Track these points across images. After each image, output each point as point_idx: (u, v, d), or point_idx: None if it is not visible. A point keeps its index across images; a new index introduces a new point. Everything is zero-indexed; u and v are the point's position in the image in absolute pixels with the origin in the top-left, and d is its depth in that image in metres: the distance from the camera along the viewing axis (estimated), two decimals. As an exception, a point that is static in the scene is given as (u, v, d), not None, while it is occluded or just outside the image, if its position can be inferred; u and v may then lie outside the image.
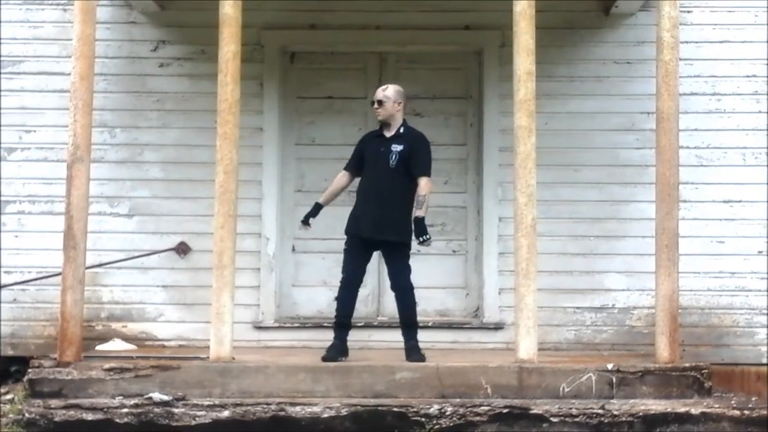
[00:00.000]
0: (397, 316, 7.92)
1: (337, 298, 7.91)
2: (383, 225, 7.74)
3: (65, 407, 7.13)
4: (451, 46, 9.33)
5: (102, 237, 8.95)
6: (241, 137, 7.84)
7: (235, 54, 7.71)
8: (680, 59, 7.91)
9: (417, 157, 7.82)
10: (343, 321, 7.86)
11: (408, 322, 7.85)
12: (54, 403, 7.18)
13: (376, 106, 7.94)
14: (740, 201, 9.01)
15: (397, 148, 7.83)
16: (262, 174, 9.10)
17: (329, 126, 9.30)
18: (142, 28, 9.21)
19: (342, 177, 8.11)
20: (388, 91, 7.93)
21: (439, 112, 9.36)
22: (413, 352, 7.74)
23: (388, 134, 7.93)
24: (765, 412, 7.11)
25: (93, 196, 8.29)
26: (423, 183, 7.78)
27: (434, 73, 9.39)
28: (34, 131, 9.11)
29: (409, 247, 7.89)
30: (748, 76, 9.10)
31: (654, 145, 7.94)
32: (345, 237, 7.90)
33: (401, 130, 7.93)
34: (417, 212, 7.72)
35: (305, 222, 8.07)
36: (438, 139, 9.29)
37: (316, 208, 8.07)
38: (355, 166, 8.07)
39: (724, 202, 9.02)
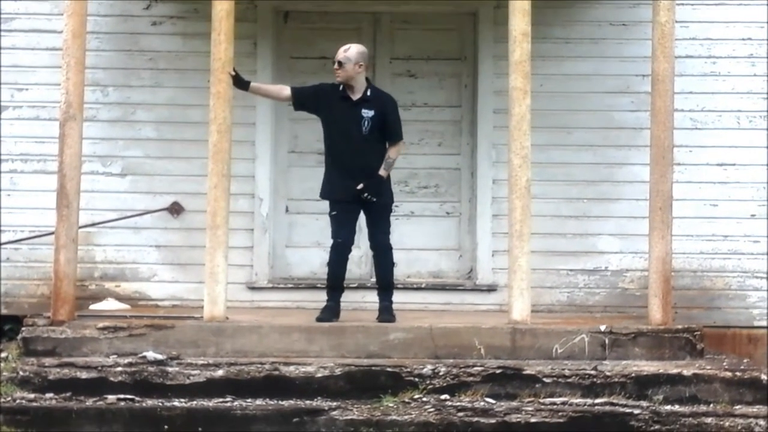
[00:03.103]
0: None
1: (329, 263, 7.90)
2: (374, 187, 7.69)
3: (59, 365, 7.14)
4: (446, 7, 9.27)
5: (95, 196, 8.92)
6: (235, 97, 7.81)
7: (228, 12, 7.66)
8: (676, 21, 7.87)
9: (389, 124, 7.73)
10: (337, 284, 7.88)
11: (386, 282, 7.87)
12: (48, 361, 7.19)
13: (336, 66, 7.76)
14: (734, 164, 9.01)
15: (368, 113, 7.71)
16: (256, 134, 9.07)
17: (323, 86, 9.26)
18: (134, -14, 9.14)
19: (283, 91, 7.94)
20: (350, 52, 7.73)
21: (433, 73, 9.32)
22: (385, 312, 7.75)
23: (354, 97, 7.77)
24: (756, 374, 7.15)
25: (85, 155, 8.26)
26: (395, 147, 7.77)
27: (429, 33, 9.34)
28: (26, 89, 9.05)
29: (391, 208, 7.92)
30: (743, 39, 9.07)
31: (649, 108, 7.94)
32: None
33: (368, 93, 7.78)
34: (381, 171, 7.68)
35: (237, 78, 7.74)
36: (432, 101, 9.30)
37: (240, 80, 7.73)
38: (301, 100, 7.89)
39: (718, 165, 9.02)
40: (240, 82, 7.75)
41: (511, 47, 7.66)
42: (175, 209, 9.03)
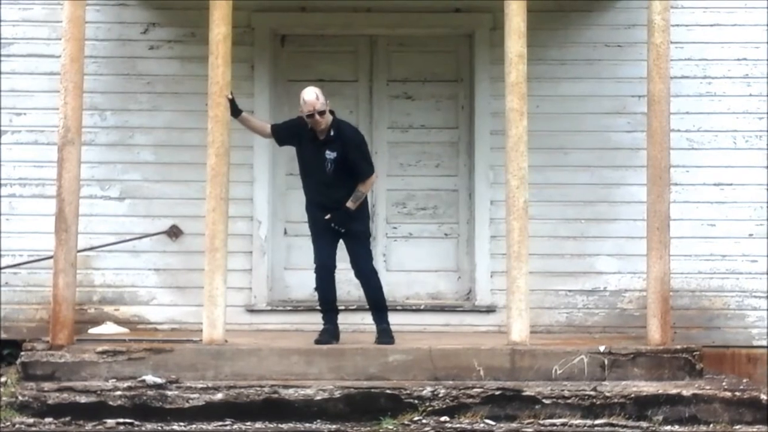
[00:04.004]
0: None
1: (315, 288, 7.93)
2: (341, 218, 7.75)
3: (58, 390, 7.13)
4: (442, 29, 9.32)
5: (93, 220, 8.93)
6: (232, 120, 7.83)
7: (225, 36, 7.69)
8: (671, 42, 7.92)
9: (352, 164, 7.74)
10: (329, 307, 7.89)
11: (377, 305, 7.89)
12: (47, 386, 7.18)
13: (317, 117, 7.68)
14: (731, 184, 9.04)
15: (330, 155, 7.74)
16: (254, 157, 9.09)
17: (320, 109, 9.28)
18: (132, 10, 9.17)
19: (266, 128, 8.06)
20: (321, 98, 7.68)
21: (430, 96, 9.36)
22: (383, 335, 7.77)
23: (320, 137, 7.80)
24: (756, 394, 7.15)
25: (84, 179, 8.27)
26: (364, 183, 7.79)
27: (425, 56, 9.38)
28: (25, 114, 9.08)
29: (369, 233, 7.97)
30: (738, 59, 9.12)
31: (645, 129, 7.97)
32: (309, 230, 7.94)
33: (331, 133, 7.79)
34: (349, 203, 7.72)
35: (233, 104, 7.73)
36: (429, 123, 9.34)
37: (234, 108, 7.73)
38: (279, 136, 8.01)
39: (715, 185, 9.05)
40: (234, 109, 7.78)
41: (507, 69, 7.69)
42: (174, 232, 9.04)
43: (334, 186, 7.75)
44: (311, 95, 7.72)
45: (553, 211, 8.99)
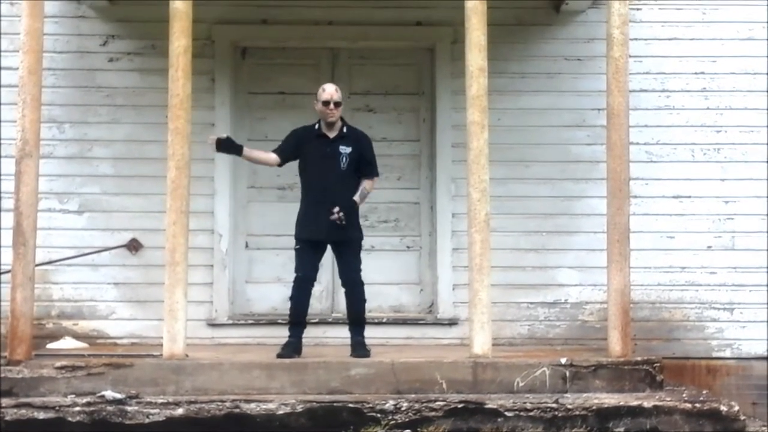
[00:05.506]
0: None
1: (291, 298, 7.89)
2: (339, 225, 7.74)
3: (16, 406, 7.02)
4: (404, 42, 9.34)
5: (52, 234, 8.84)
6: (193, 133, 7.78)
7: (185, 48, 7.65)
8: (630, 56, 7.98)
9: (368, 160, 7.93)
10: (299, 319, 7.86)
11: (357, 317, 7.88)
12: (5, 402, 7.07)
13: (332, 107, 7.86)
14: (689, 197, 9.12)
15: (345, 150, 7.84)
16: (215, 170, 9.04)
17: (281, 121, 9.23)
18: (91, 23, 9.10)
19: (270, 157, 8.01)
20: (340, 92, 7.94)
21: (391, 108, 9.37)
22: (358, 347, 7.76)
23: (331, 135, 7.88)
24: (716, 405, 7.20)
25: (42, 193, 8.18)
26: (371, 181, 7.98)
27: (387, 69, 9.40)
28: (-18, 127, 8.98)
29: (361, 244, 7.94)
30: (696, 73, 9.21)
31: (605, 141, 8.00)
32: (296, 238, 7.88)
33: (344, 130, 7.92)
34: (356, 197, 7.84)
35: (227, 142, 7.81)
36: (391, 135, 9.34)
37: (233, 145, 7.83)
38: (286, 157, 7.99)
39: (674, 197, 9.13)
40: (234, 147, 7.80)
41: (468, 82, 7.71)
42: (134, 246, 8.97)
43: (346, 183, 7.81)
44: (333, 86, 7.96)
45: (515, 223, 9.02)
